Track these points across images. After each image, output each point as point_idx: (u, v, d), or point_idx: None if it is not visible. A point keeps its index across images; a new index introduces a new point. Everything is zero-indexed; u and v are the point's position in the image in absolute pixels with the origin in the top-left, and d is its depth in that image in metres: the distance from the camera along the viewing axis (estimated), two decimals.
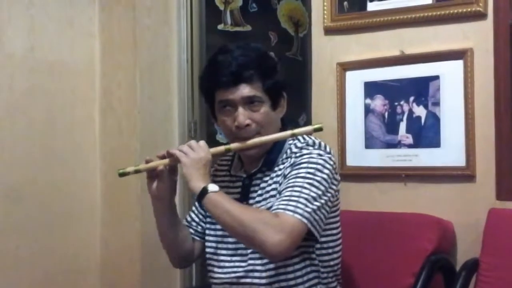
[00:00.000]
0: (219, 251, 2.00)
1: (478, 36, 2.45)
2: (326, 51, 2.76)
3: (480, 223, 2.33)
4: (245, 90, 1.88)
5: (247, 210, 1.82)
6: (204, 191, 1.79)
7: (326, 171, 1.85)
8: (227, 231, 1.85)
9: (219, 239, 2.00)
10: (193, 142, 1.89)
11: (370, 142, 2.64)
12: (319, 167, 1.84)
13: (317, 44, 2.79)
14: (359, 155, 2.67)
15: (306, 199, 1.77)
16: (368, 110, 2.65)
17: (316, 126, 1.90)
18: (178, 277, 2.94)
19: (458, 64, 2.47)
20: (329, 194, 1.84)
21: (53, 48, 2.84)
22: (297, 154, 1.89)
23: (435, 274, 2.29)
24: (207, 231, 2.06)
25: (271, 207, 1.84)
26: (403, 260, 2.30)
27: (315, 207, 1.78)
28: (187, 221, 2.14)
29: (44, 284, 2.77)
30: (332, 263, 1.98)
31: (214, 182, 1.91)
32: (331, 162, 1.88)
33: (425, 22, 2.54)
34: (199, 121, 3.03)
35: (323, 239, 1.91)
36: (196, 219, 2.12)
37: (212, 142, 2.88)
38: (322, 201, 1.81)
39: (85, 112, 2.96)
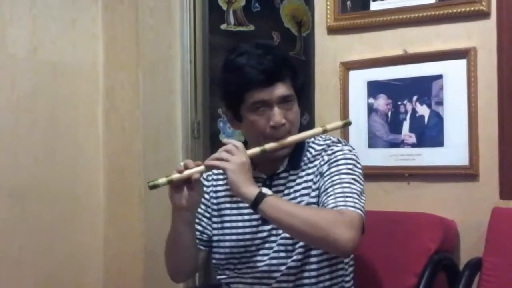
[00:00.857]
0: (231, 255, 1.95)
1: (482, 35, 2.45)
2: (329, 50, 2.77)
3: (483, 222, 2.33)
4: (280, 89, 1.83)
5: (310, 210, 1.80)
6: (261, 195, 1.71)
7: (359, 165, 1.88)
8: (292, 234, 1.78)
9: (229, 243, 1.95)
10: (230, 147, 1.80)
11: (373, 141, 2.65)
12: (354, 162, 1.87)
13: (320, 44, 2.80)
14: (362, 155, 2.60)
15: (357, 194, 1.79)
16: (371, 109, 2.65)
17: (345, 120, 2.00)
18: None
19: (462, 63, 2.47)
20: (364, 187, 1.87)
21: (56, 49, 2.84)
22: (329, 152, 1.89)
23: (438, 273, 2.29)
24: (215, 237, 1.99)
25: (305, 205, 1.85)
26: (406, 259, 2.30)
27: (363, 202, 1.80)
28: None
29: (47, 284, 2.77)
30: (351, 262, 2.01)
31: (222, 184, 1.91)
32: (359, 160, 1.91)
33: (428, 21, 2.54)
34: (202, 121, 3.02)
35: None
36: (200, 228, 2.02)
37: (215, 142, 2.88)
38: (365, 195, 1.84)
39: (88, 113, 2.95)
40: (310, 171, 1.90)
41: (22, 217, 2.68)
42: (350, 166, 1.84)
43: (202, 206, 2.00)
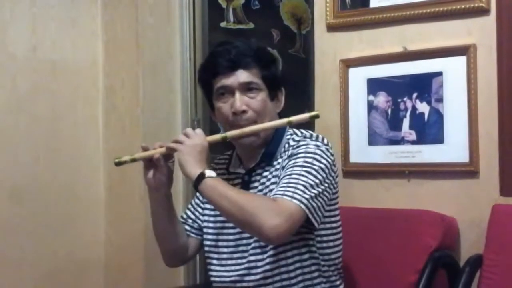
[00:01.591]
0: (219, 249, 2.00)
1: (481, 32, 2.44)
2: (329, 48, 2.76)
3: (483, 219, 2.33)
4: (242, 75, 1.90)
5: (245, 195, 1.83)
6: (201, 176, 1.77)
7: (324, 161, 1.85)
8: (225, 216, 1.84)
9: (219, 237, 2.00)
10: (188, 130, 1.90)
11: (373, 138, 2.64)
12: (316, 156, 1.85)
13: (320, 41, 2.79)
14: (362, 152, 2.67)
15: (303, 185, 1.77)
16: (371, 106, 2.65)
17: (312, 113, 1.91)
18: (181, 275, 2.95)
19: (461, 60, 2.46)
20: (326, 184, 1.84)
21: (56, 48, 2.85)
22: (294, 146, 1.90)
23: (438, 270, 2.29)
24: (204, 229, 2.06)
25: None
26: (407, 257, 2.30)
27: (312, 194, 1.77)
28: (183, 218, 2.13)
29: (48, 283, 2.78)
30: (333, 256, 1.98)
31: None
32: (328, 153, 1.89)
33: (428, 18, 2.54)
34: (202, 119, 3.03)
35: (323, 232, 1.93)
36: (192, 216, 2.11)
37: None
38: (320, 189, 1.80)
39: (88, 111, 2.96)
40: (278, 166, 1.92)
41: (22, 216, 2.69)
42: (309, 160, 1.83)
43: (198, 199, 2.11)
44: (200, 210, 2.10)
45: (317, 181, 1.80)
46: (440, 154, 2.50)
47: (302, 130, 1.99)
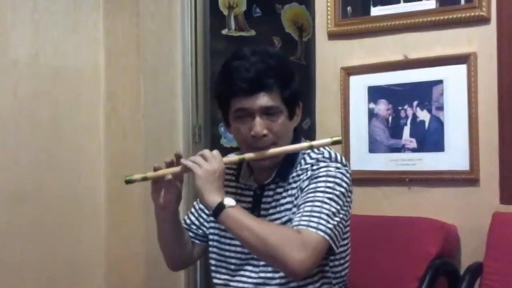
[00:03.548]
0: (227, 259, 1.92)
1: (482, 41, 2.45)
2: (330, 55, 2.77)
3: (484, 227, 2.33)
4: (263, 99, 1.77)
5: (268, 226, 1.74)
6: (221, 206, 1.69)
7: (344, 184, 1.79)
8: (247, 248, 1.76)
9: (227, 247, 1.93)
10: (206, 152, 1.78)
11: (374, 146, 2.65)
12: (337, 180, 1.77)
13: (321, 49, 2.80)
14: (363, 159, 2.67)
15: (327, 214, 1.71)
16: (372, 114, 2.65)
17: (335, 138, 1.80)
18: (182, 281, 2.95)
19: (462, 69, 2.48)
20: (346, 208, 1.78)
21: (58, 54, 2.85)
22: (314, 167, 1.81)
23: (439, 278, 2.29)
24: (210, 236, 1.99)
25: (287, 221, 1.80)
26: (407, 264, 2.31)
27: (335, 223, 1.71)
28: (186, 223, 2.05)
29: (49, 287, 2.78)
30: (343, 273, 1.94)
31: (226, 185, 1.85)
32: (348, 175, 1.82)
33: (429, 26, 2.55)
34: (203, 125, 3.03)
35: (337, 250, 1.83)
36: (196, 222, 2.03)
37: (216, 146, 2.89)
38: (341, 215, 1.75)
39: (90, 117, 2.96)
40: (295, 185, 1.84)
41: (23, 220, 2.69)
42: (330, 185, 1.76)
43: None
44: (204, 216, 2.02)
45: (339, 207, 1.74)
46: (441, 162, 2.51)
47: (322, 150, 1.87)
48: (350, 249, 1.98)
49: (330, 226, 1.70)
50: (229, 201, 1.71)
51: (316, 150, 1.86)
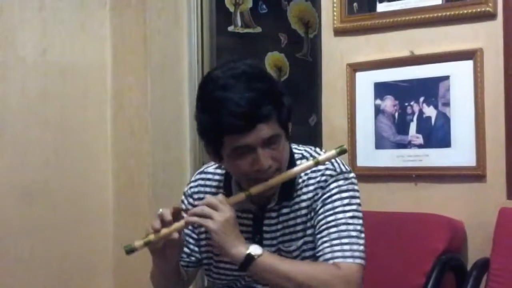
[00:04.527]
0: (229, 282, 1.81)
1: (488, 36, 2.45)
2: (336, 52, 2.77)
3: (490, 222, 2.34)
4: (263, 131, 1.57)
5: (304, 268, 1.63)
6: (250, 257, 1.57)
7: (357, 194, 1.71)
8: None
9: (228, 271, 1.79)
10: (212, 200, 1.62)
11: (380, 142, 2.65)
12: (351, 193, 1.69)
13: (327, 45, 2.80)
14: (369, 156, 2.68)
15: (356, 235, 1.64)
16: (378, 110, 2.66)
17: (338, 149, 1.66)
18: None
19: (468, 64, 2.48)
20: (362, 214, 1.71)
21: (65, 51, 2.87)
22: (322, 185, 1.70)
23: (446, 273, 2.30)
24: (205, 260, 1.83)
25: (302, 244, 1.70)
26: (414, 260, 2.31)
27: (362, 241, 1.66)
28: None
29: (58, 284, 2.80)
30: None
31: None
32: (355, 181, 1.73)
33: (435, 22, 2.55)
34: None
35: None
36: (187, 251, 1.84)
37: None
38: (363, 227, 1.69)
39: (97, 114, 2.98)
40: (304, 204, 1.71)
41: (33, 217, 2.71)
42: (346, 201, 1.67)
43: (190, 227, 1.81)
44: (192, 241, 1.84)
45: (361, 221, 1.68)
46: (447, 158, 2.51)
47: (326, 162, 1.71)
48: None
49: (361, 248, 1.64)
50: (255, 250, 1.58)
51: (311, 159, 1.70)
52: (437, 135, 2.53)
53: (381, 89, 2.65)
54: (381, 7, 2.67)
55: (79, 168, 2.88)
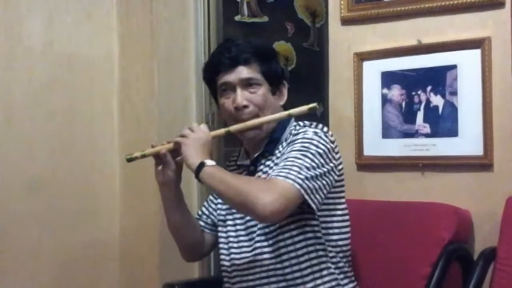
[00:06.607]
0: (228, 233, 2.05)
1: (496, 25, 2.43)
2: (343, 41, 2.76)
3: (497, 212, 2.33)
4: (243, 72, 1.97)
5: (241, 178, 1.92)
6: (201, 165, 1.83)
7: (322, 146, 1.89)
8: (224, 201, 1.97)
9: (228, 222, 2.06)
10: (193, 124, 1.99)
11: (387, 131, 2.64)
12: (313, 142, 1.89)
13: (334, 34, 2.79)
14: (376, 145, 2.67)
15: (298, 167, 1.81)
16: (385, 100, 2.65)
17: (310, 105, 1.97)
18: (196, 267, 2.97)
19: (476, 53, 2.46)
20: (325, 169, 1.87)
21: (72, 41, 2.87)
22: (294, 133, 1.96)
23: (452, 263, 2.29)
24: (219, 222, 2.11)
25: None
26: (421, 250, 2.30)
27: (308, 175, 1.81)
28: (198, 215, 2.20)
29: (65, 274, 2.81)
30: (340, 243, 2.01)
31: None
32: (327, 139, 1.92)
33: (442, 11, 2.53)
34: (217, 112, 3.04)
35: (328, 218, 1.97)
36: (206, 212, 2.18)
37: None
38: (317, 172, 1.84)
39: (104, 105, 2.98)
40: (279, 154, 1.98)
41: (39, 208, 2.72)
42: (306, 144, 1.88)
43: (214, 194, 2.16)
44: (213, 205, 2.17)
45: (314, 164, 1.84)
46: (454, 147, 2.50)
47: (305, 122, 2.02)
48: (349, 223, 2.06)
49: (301, 176, 1.79)
50: (209, 162, 1.84)
51: (301, 123, 2.01)
52: (444, 124, 2.52)
53: (388, 78, 2.64)
54: None
55: (86, 158, 2.89)
